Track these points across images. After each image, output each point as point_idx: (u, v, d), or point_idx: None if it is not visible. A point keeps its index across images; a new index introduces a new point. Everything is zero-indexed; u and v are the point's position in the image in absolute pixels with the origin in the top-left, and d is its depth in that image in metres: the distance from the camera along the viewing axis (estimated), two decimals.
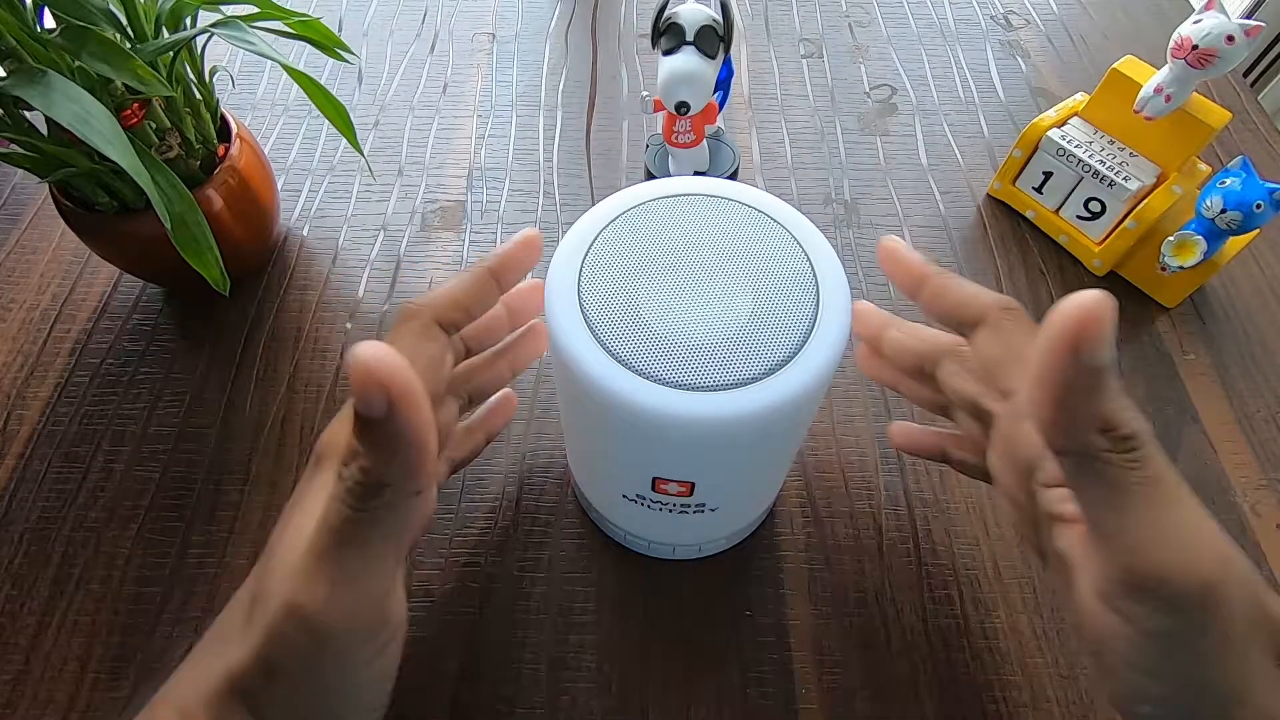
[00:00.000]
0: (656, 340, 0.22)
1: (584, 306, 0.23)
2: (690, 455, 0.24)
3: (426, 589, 0.33)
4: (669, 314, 0.23)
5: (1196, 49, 0.35)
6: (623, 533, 0.32)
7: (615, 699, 0.30)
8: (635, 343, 0.22)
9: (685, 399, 0.21)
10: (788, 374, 0.22)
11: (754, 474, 0.28)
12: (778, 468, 0.29)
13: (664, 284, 0.23)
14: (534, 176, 0.47)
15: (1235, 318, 0.41)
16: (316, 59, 0.45)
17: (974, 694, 0.30)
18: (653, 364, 0.22)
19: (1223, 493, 0.35)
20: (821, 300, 0.23)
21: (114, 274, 0.43)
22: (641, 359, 0.22)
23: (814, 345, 0.22)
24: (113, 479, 0.36)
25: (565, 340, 0.23)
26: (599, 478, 0.30)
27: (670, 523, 0.29)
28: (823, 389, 0.23)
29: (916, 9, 0.58)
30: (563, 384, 0.26)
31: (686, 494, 0.26)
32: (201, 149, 0.37)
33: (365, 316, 0.41)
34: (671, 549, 0.33)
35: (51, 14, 0.30)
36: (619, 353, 0.22)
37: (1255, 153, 0.48)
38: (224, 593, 0.32)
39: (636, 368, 0.22)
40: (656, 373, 0.22)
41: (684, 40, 0.36)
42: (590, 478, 0.31)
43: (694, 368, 0.22)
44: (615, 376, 0.22)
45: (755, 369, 0.22)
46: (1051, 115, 0.43)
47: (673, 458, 0.24)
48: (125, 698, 0.30)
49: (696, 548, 0.32)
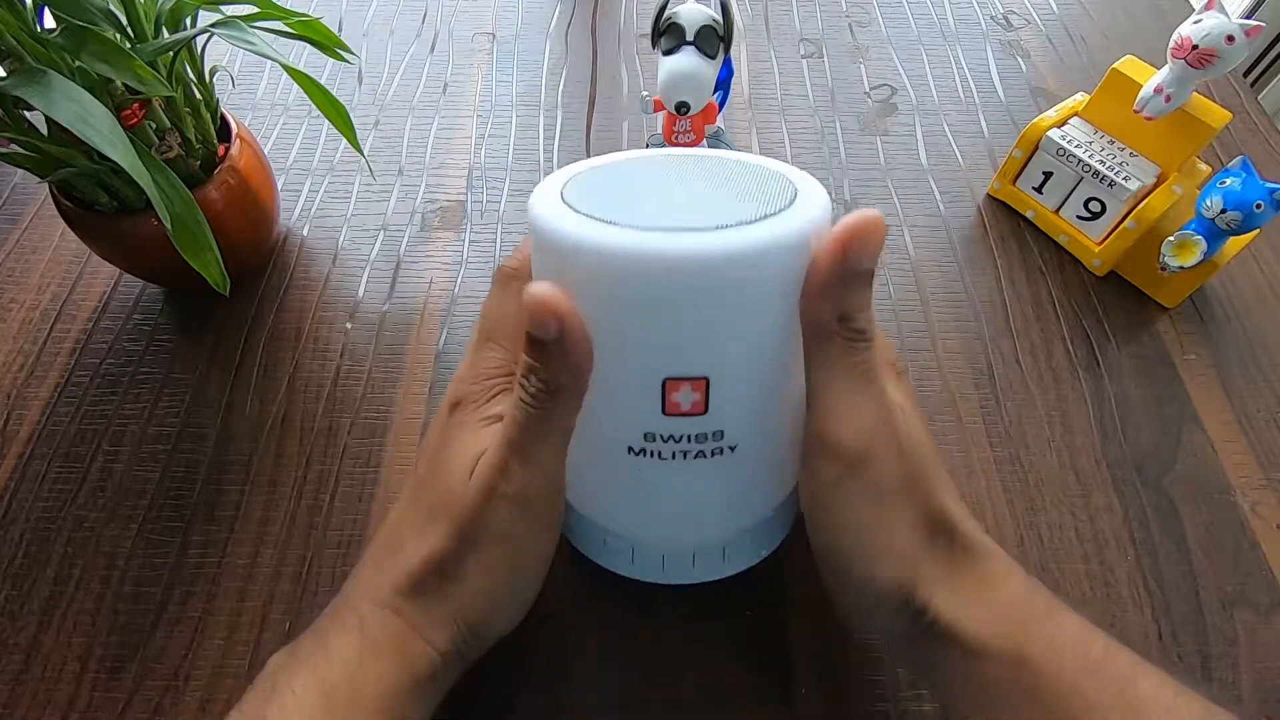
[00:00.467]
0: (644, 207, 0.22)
1: (568, 201, 0.23)
2: (700, 314, 0.22)
3: None
4: (656, 195, 0.23)
5: (1196, 49, 0.35)
6: (627, 547, 0.29)
7: (615, 699, 0.30)
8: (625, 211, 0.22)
9: (689, 239, 0.21)
10: (782, 218, 0.22)
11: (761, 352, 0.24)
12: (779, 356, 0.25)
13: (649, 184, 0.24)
14: (534, 176, 0.47)
15: (1235, 318, 0.41)
16: (316, 59, 0.45)
17: None
18: (649, 219, 0.21)
19: (1223, 493, 0.35)
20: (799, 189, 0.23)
21: (114, 274, 0.43)
22: (638, 218, 0.22)
23: (799, 205, 0.22)
24: (113, 479, 0.36)
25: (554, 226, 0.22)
26: (595, 439, 0.26)
27: (685, 485, 0.26)
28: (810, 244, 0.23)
29: (916, 9, 0.58)
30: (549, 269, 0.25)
31: (702, 407, 0.24)
32: (201, 149, 0.37)
33: (365, 316, 0.41)
34: (690, 559, 0.29)
35: (51, 14, 0.30)
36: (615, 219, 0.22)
37: (1255, 153, 0.48)
38: (224, 593, 0.32)
39: (635, 225, 0.21)
40: (656, 224, 0.21)
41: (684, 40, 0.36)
42: (583, 449, 0.26)
43: (689, 217, 0.22)
44: (615, 236, 0.21)
45: (748, 214, 0.22)
46: (1051, 115, 0.43)
47: (682, 328, 0.23)
48: (125, 698, 0.30)
49: (719, 550, 0.29)
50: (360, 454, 0.36)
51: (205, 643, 0.31)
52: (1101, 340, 0.40)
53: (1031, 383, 0.39)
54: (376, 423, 0.37)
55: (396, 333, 0.40)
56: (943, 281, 0.43)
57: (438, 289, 0.42)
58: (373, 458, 0.36)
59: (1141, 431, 0.37)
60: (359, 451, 0.36)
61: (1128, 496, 0.35)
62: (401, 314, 0.41)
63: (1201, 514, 0.35)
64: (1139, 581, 0.33)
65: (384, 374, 0.39)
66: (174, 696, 0.30)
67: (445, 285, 0.42)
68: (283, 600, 0.32)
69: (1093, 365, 0.39)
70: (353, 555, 0.34)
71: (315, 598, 0.32)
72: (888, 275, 0.43)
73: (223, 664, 0.31)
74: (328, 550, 0.34)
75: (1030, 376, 0.39)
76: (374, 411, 0.38)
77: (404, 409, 0.38)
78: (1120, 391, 0.39)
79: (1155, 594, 0.33)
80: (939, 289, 0.42)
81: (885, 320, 0.41)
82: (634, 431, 0.24)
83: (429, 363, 0.39)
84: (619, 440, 0.25)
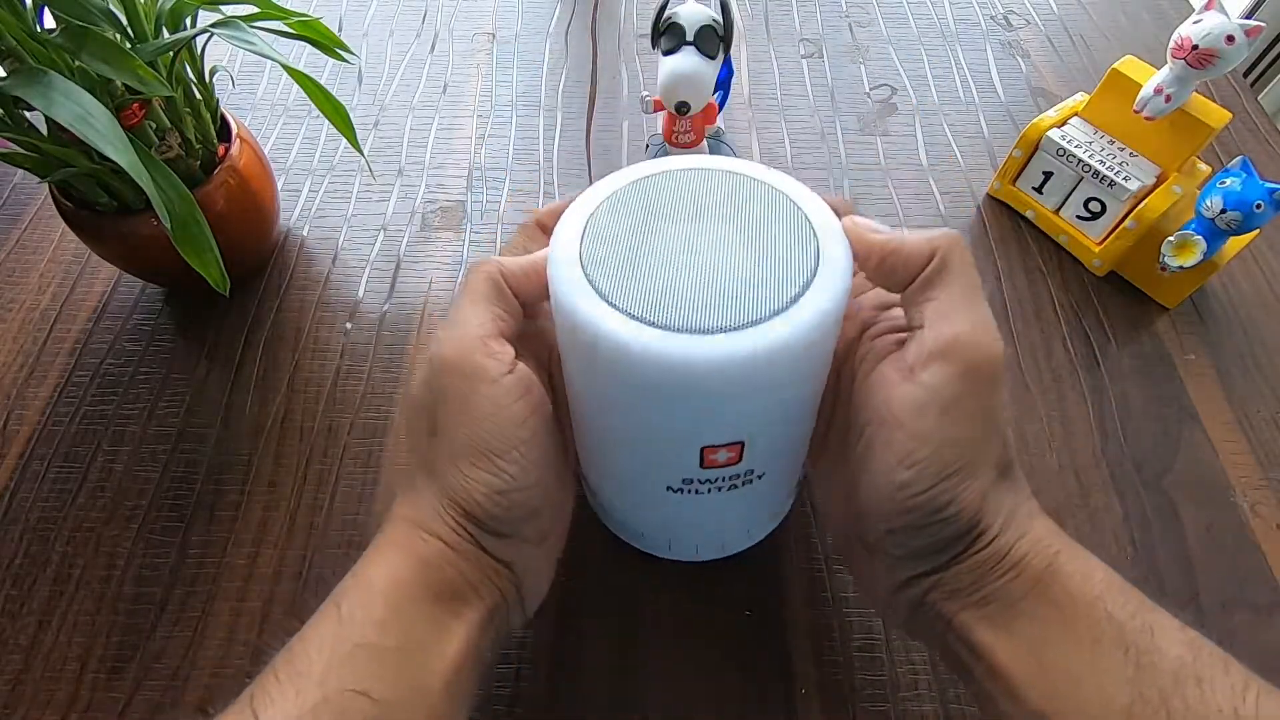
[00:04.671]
0: (674, 295, 0.22)
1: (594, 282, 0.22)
2: (738, 406, 0.23)
3: None
4: (679, 270, 0.22)
5: (1196, 49, 0.35)
6: (665, 541, 0.32)
7: (615, 699, 0.30)
8: (656, 304, 0.22)
9: (724, 343, 0.21)
10: (812, 295, 0.22)
11: (797, 411, 0.26)
12: (812, 406, 0.28)
13: (667, 247, 0.23)
14: (534, 176, 0.47)
15: (1235, 318, 0.41)
16: (316, 59, 0.45)
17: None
18: (681, 319, 0.21)
19: (1223, 493, 0.35)
20: (820, 242, 0.23)
21: (114, 274, 0.43)
22: (670, 317, 0.21)
23: (824, 271, 0.22)
24: (113, 479, 0.36)
25: (587, 321, 0.22)
26: (634, 479, 0.29)
27: (715, 506, 0.28)
28: (841, 311, 0.23)
29: (916, 9, 0.58)
30: (588, 378, 0.25)
31: (736, 459, 0.25)
32: (201, 149, 0.37)
33: (365, 316, 0.41)
34: (695, 549, 0.32)
35: (51, 14, 0.30)
36: (646, 315, 0.21)
37: (1255, 153, 0.48)
38: (224, 593, 0.32)
39: (668, 325, 0.21)
40: (689, 321, 0.21)
41: (684, 40, 0.36)
42: (620, 484, 0.30)
43: (720, 305, 0.21)
44: (648, 339, 0.21)
45: (777, 301, 0.22)
46: (1051, 115, 0.43)
47: (721, 417, 0.24)
48: (125, 698, 0.30)
49: (745, 533, 0.32)
50: (360, 454, 0.36)
51: (205, 643, 0.31)
52: (1101, 340, 0.40)
53: (1031, 382, 0.39)
54: (376, 423, 0.37)
55: (396, 333, 0.40)
56: None
57: (438, 289, 0.42)
58: (373, 458, 0.36)
59: (1141, 431, 0.37)
60: (359, 451, 0.36)
61: (1127, 496, 0.35)
62: (401, 314, 0.41)
63: (1201, 514, 0.35)
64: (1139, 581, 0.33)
65: (384, 374, 0.39)
66: (174, 696, 0.30)
67: (445, 285, 0.42)
68: (283, 600, 0.32)
69: (1093, 365, 0.39)
70: (353, 555, 0.33)
71: (315, 598, 0.32)
72: None
73: (223, 664, 0.31)
74: (328, 550, 0.34)
75: (1030, 376, 0.39)
76: (374, 411, 0.38)
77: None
78: (1120, 391, 0.39)
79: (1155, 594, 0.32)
80: None
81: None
82: (673, 478, 0.26)
83: None
84: (659, 481, 0.27)
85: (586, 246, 0.23)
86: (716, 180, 0.25)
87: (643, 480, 0.28)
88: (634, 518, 0.31)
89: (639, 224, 0.24)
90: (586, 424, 0.29)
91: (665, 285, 0.22)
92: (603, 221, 0.24)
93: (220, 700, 0.30)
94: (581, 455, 0.32)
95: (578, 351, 0.24)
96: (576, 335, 0.22)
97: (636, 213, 0.24)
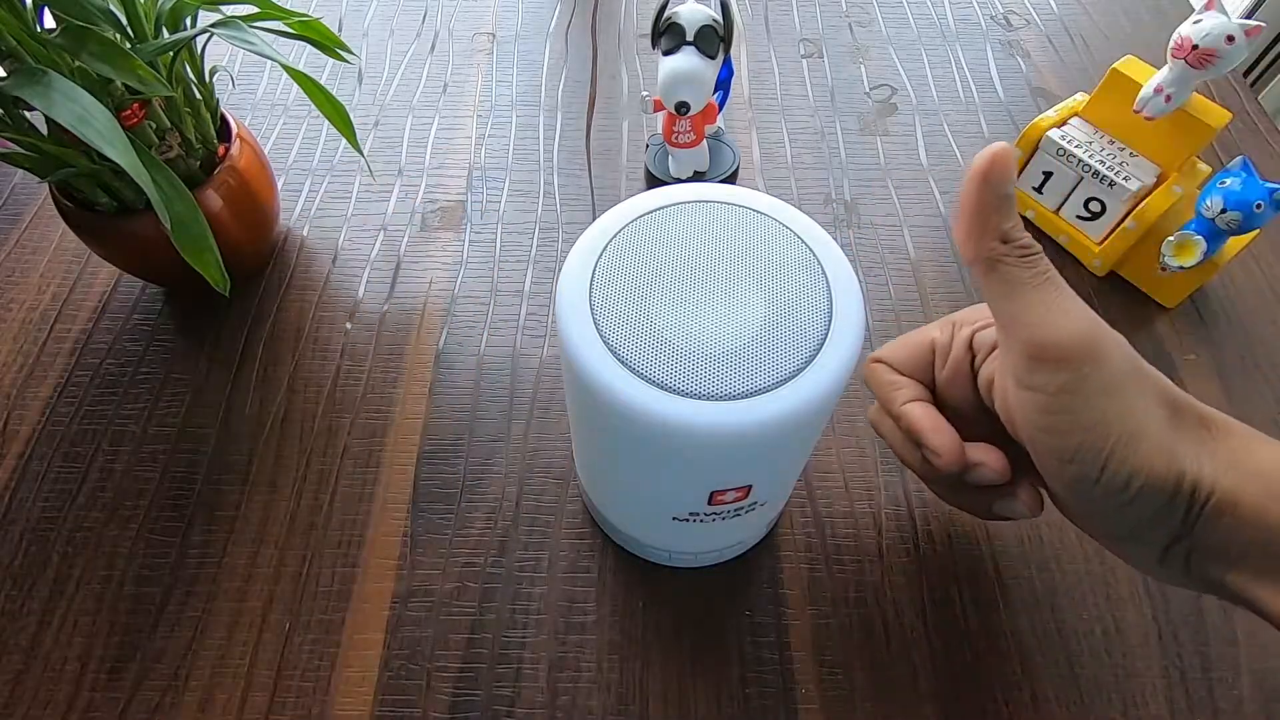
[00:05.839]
0: (687, 358, 0.22)
1: (607, 339, 0.22)
2: (748, 461, 0.24)
3: (426, 589, 0.33)
4: (692, 327, 0.22)
5: (1196, 49, 0.35)
6: (665, 554, 0.32)
7: (615, 700, 0.30)
8: (669, 366, 0.22)
9: (739, 409, 0.21)
10: (823, 359, 0.22)
11: (802, 453, 0.28)
12: (815, 441, 0.29)
13: (679, 298, 0.23)
14: (534, 176, 0.47)
15: (1235, 318, 0.41)
16: (316, 59, 0.45)
17: (974, 694, 0.30)
18: (694, 383, 0.21)
19: None
20: (833, 295, 0.23)
21: (114, 274, 0.43)
22: (683, 381, 0.21)
23: (837, 330, 0.23)
24: (113, 479, 0.36)
25: (601, 385, 0.22)
26: (640, 510, 0.29)
27: (720, 529, 0.28)
28: (854, 365, 0.23)
29: (916, 9, 0.58)
30: (597, 425, 0.25)
31: (743, 497, 0.26)
32: (201, 149, 0.37)
33: (365, 316, 0.41)
34: (695, 558, 0.32)
35: (51, 14, 0.30)
36: (658, 379, 0.21)
37: (1255, 153, 0.48)
38: (224, 593, 0.32)
39: (681, 390, 0.21)
40: (704, 391, 0.21)
41: (684, 40, 0.37)
42: (625, 512, 0.31)
43: (734, 377, 0.21)
44: (665, 405, 0.21)
45: (791, 364, 0.22)
46: (1051, 115, 0.43)
47: (732, 469, 0.24)
48: (125, 698, 0.30)
49: (742, 544, 0.32)
50: (360, 454, 0.36)
51: (205, 643, 0.31)
52: None
53: None
54: (376, 423, 0.37)
55: (396, 333, 0.40)
56: (943, 281, 0.43)
57: (438, 289, 0.42)
58: (373, 458, 0.36)
59: None
60: (359, 451, 0.36)
61: None
62: (401, 314, 0.41)
63: None
64: (1139, 581, 0.33)
65: (384, 374, 0.39)
66: (174, 696, 0.30)
67: (445, 285, 0.42)
68: (283, 600, 0.32)
69: None
70: (353, 555, 0.34)
71: (315, 598, 0.32)
72: (888, 275, 0.43)
73: (223, 664, 0.31)
74: (328, 550, 0.34)
75: None
76: (374, 411, 0.38)
77: (404, 409, 0.38)
78: None
79: (1155, 594, 0.33)
80: (939, 289, 0.42)
81: (885, 320, 0.41)
82: (680, 511, 0.27)
83: (429, 363, 0.39)
84: (665, 513, 0.27)
85: (596, 296, 0.23)
86: (725, 217, 0.24)
87: (649, 511, 0.29)
88: (636, 535, 0.32)
89: (648, 270, 0.23)
90: (592, 458, 0.29)
91: (678, 344, 0.22)
92: (610, 266, 0.23)
93: (220, 700, 0.30)
94: (583, 474, 0.33)
95: (589, 406, 0.23)
96: (593, 396, 0.22)
97: (644, 256, 0.24)
